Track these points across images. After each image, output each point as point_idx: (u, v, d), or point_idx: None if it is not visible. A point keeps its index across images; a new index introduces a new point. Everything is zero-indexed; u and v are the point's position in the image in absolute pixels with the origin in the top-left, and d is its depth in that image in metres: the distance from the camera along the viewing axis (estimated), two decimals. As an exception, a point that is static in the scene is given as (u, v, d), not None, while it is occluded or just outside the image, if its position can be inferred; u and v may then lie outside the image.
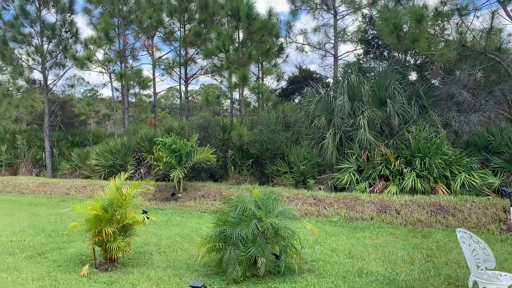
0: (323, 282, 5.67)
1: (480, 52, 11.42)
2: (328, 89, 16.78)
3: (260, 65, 20.87)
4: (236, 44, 16.12)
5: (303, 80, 19.43)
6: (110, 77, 20.76)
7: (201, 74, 21.13)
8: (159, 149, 12.90)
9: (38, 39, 19.62)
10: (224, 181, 14.88)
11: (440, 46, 11.50)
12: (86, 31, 51.53)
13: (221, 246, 6.08)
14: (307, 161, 13.53)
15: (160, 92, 29.22)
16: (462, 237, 4.53)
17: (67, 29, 20.13)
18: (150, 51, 20.72)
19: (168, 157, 12.57)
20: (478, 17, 11.42)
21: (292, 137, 14.76)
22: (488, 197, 10.41)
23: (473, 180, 11.07)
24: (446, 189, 11.19)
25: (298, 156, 13.68)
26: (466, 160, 11.78)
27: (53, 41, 19.94)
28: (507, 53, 13.18)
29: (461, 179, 11.09)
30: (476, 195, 10.67)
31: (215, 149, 13.67)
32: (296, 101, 21.94)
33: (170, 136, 13.24)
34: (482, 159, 12.23)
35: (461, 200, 9.88)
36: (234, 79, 16.59)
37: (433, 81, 15.57)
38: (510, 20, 11.34)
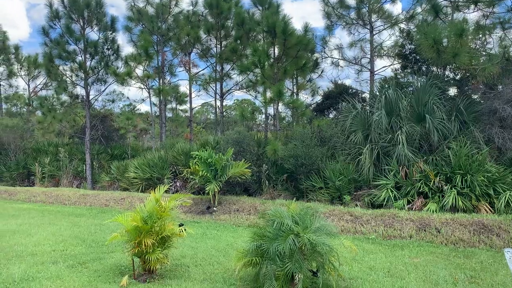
0: (362, 300, 5.55)
1: (525, 66, 11.03)
2: (364, 104, 16.61)
3: (295, 80, 20.94)
4: (272, 60, 16.27)
5: (339, 95, 19.31)
6: (148, 92, 21.37)
7: (236, 90, 21.40)
8: (195, 163, 13.09)
9: (81, 56, 20.50)
10: (258, 195, 14.89)
11: (482, 60, 11.19)
12: (126, 48, 53.52)
13: (258, 260, 6.06)
14: (343, 177, 13.36)
15: (196, 107, 29.70)
16: (511, 257, 4.34)
17: (108, 47, 20.94)
18: (187, 67, 21.22)
19: (204, 171, 12.72)
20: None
21: (327, 153, 14.64)
22: (535, 217, 9.92)
23: (518, 199, 10.60)
24: (490, 207, 10.75)
25: (333, 172, 13.55)
26: (511, 178, 11.31)
27: (95, 57, 20.77)
28: (554, 66, 12.69)
29: (505, 197, 10.65)
30: (523, 214, 10.19)
31: (249, 164, 13.73)
32: (331, 116, 21.79)
33: (206, 150, 13.43)
34: (528, 177, 11.71)
35: (506, 220, 9.46)
36: (268, 94, 16.70)
37: (474, 96, 15.13)
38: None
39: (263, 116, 24.39)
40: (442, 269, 7.16)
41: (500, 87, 14.01)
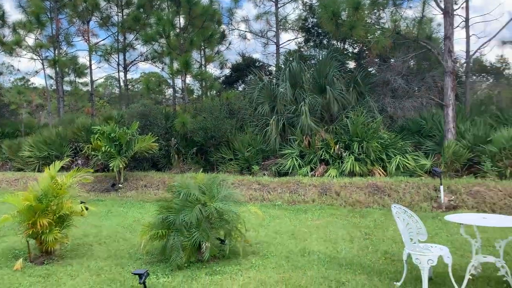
0: (267, 262, 5.76)
1: (413, 40, 12.01)
2: (271, 76, 16.94)
3: (202, 52, 20.61)
4: (177, 30, 15.78)
5: (247, 67, 19.43)
6: (42, 64, 19.61)
7: (141, 61, 20.53)
8: (97, 138, 12.40)
9: (-42, 22, 18.08)
10: (167, 170, 14.62)
11: (376, 34, 11.96)
12: (14, 14, 48.19)
13: (164, 233, 5.98)
14: (252, 148, 13.62)
15: (97, 79, 27.99)
16: (397, 212, 4.77)
17: (-8, 12, 18.68)
18: (86, 37, 19.77)
19: (107, 146, 12.12)
20: (410, 7, 11.99)
21: (236, 124, 14.76)
22: (421, 177, 11.04)
23: (407, 162, 11.68)
24: (383, 171, 11.73)
25: (242, 143, 13.73)
26: (401, 143, 12.40)
27: (-24, 24, 18.46)
28: (437, 41, 13.98)
29: (396, 161, 11.67)
30: (410, 176, 11.28)
31: (157, 138, 13.36)
32: (240, 88, 21.95)
33: (109, 125, 12.76)
34: (415, 142, 12.94)
35: (396, 181, 10.41)
36: (175, 65, 16.26)
37: (369, 69, 16.19)
38: (439, 10, 12.01)
39: (171, 90, 23.80)
40: (341, 228, 7.70)
41: (392, 60, 15.14)
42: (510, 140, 11.08)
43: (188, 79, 17.96)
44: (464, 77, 15.08)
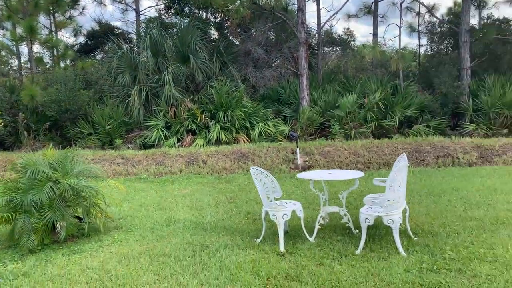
0: (130, 236, 5.61)
1: (270, 11, 12.48)
2: (132, 45, 16.10)
3: (52, 17, 18.53)
4: (18, -10, 13.88)
5: (104, 35, 18.09)
6: None
7: (-26, 25, 17.61)
8: None
9: None
10: (17, 149, 13.10)
11: (236, 4, 12.13)
12: None
13: (10, 216, 5.37)
14: (113, 121, 12.94)
15: None
16: (255, 173, 5.03)
17: None
18: None
19: None
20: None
21: (94, 96, 13.81)
22: (280, 142, 11.80)
23: (268, 129, 12.35)
24: (247, 138, 12.22)
25: (103, 116, 12.95)
26: (262, 111, 13.02)
27: None
28: (292, 13, 14.76)
29: (258, 128, 12.24)
30: (271, 141, 11.97)
31: (1, 113, 11.80)
32: (98, 58, 20.44)
33: None
34: (275, 110, 13.71)
35: (259, 147, 10.95)
36: (19, 31, 14.38)
37: (232, 39, 16.45)
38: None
39: (16, 60, 21.06)
40: (207, 195, 7.85)
41: (253, 30, 15.60)
42: (354, 104, 12.44)
43: (36, 47, 16.07)
44: (317, 48, 16.31)
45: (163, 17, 17.83)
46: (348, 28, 22.98)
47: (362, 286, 3.80)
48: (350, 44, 18.95)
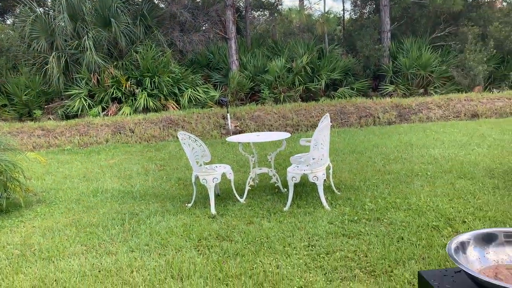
0: (55, 208, 5.37)
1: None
2: (47, 8, 14.86)
3: None
4: None
5: (13, -3, 16.47)
6: None
7: None
8: None
9: None
10: None
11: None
12: None
13: None
14: (31, 90, 12.06)
15: None
16: (183, 138, 4.97)
17: None
18: None
19: None
20: None
21: (7, 65, 12.70)
22: (211, 108, 11.72)
23: (198, 95, 12.19)
24: (176, 104, 11.99)
25: (18, 86, 12.02)
26: (191, 77, 12.78)
27: None
28: (218, -25, 14.37)
29: (188, 94, 12.04)
30: (201, 107, 11.86)
31: None
32: (9, 22, 18.66)
33: None
34: (205, 75, 13.53)
35: (189, 113, 10.81)
36: None
37: (156, 2, 15.76)
38: None
39: None
40: (136, 164, 7.68)
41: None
42: (283, 69, 12.61)
43: None
44: (244, 11, 16.13)
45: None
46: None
47: (289, 239, 3.98)
48: (277, 8, 18.94)
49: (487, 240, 1.28)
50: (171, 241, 4.07)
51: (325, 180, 5.40)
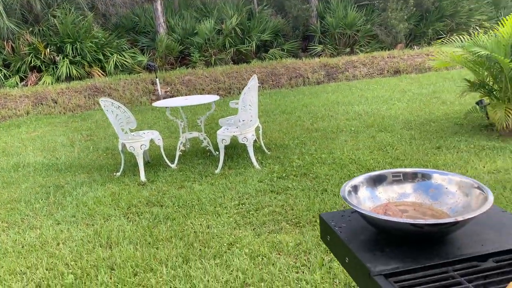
0: (-30, 187, 5.03)
1: None
2: None
3: None
4: None
5: None
6: None
7: None
8: None
9: None
10: None
11: None
12: None
13: None
14: None
15: None
16: (105, 105, 4.79)
17: None
18: None
19: None
20: None
21: None
22: (139, 73, 11.31)
23: (125, 60, 11.68)
24: (102, 71, 11.43)
25: None
26: (117, 42, 12.18)
27: None
28: None
29: (113, 60, 11.50)
30: (129, 73, 11.40)
31: None
32: None
33: None
34: (131, 40, 12.94)
35: (116, 80, 10.37)
36: None
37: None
38: None
39: None
40: (60, 135, 7.31)
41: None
42: (213, 31, 12.36)
43: None
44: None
45: None
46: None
47: (220, 200, 4.05)
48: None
49: (378, 180, 1.39)
50: (99, 211, 3.99)
51: (255, 141, 5.50)
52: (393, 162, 4.65)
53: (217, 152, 5.46)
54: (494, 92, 5.43)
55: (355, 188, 1.35)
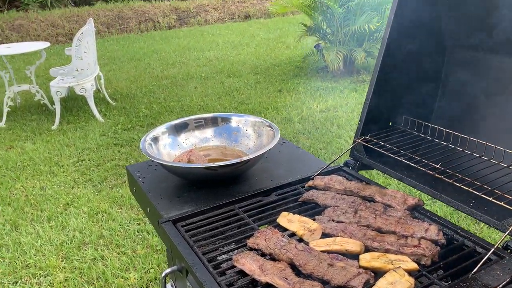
0: None
1: None
2: None
3: None
4: None
5: None
6: None
7: None
8: None
9: None
10: None
11: None
12: None
13: None
14: None
15: None
16: None
17: None
18: None
19: None
20: None
21: None
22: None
23: None
24: None
25: None
26: None
27: None
28: None
29: None
30: None
31: None
32: None
33: None
34: None
35: None
36: None
37: None
38: None
39: None
40: None
41: None
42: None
43: None
44: None
45: None
46: None
47: (56, 158, 3.73)
48: None
49: (182, 128, 1.38)
50: None
51: (99, 91, 5.15)
52: (238, 107, 4.80)
53: (55, 106, 4.97)
54: (328, 36, 5.88)
55: (156, 139, 1.32)
